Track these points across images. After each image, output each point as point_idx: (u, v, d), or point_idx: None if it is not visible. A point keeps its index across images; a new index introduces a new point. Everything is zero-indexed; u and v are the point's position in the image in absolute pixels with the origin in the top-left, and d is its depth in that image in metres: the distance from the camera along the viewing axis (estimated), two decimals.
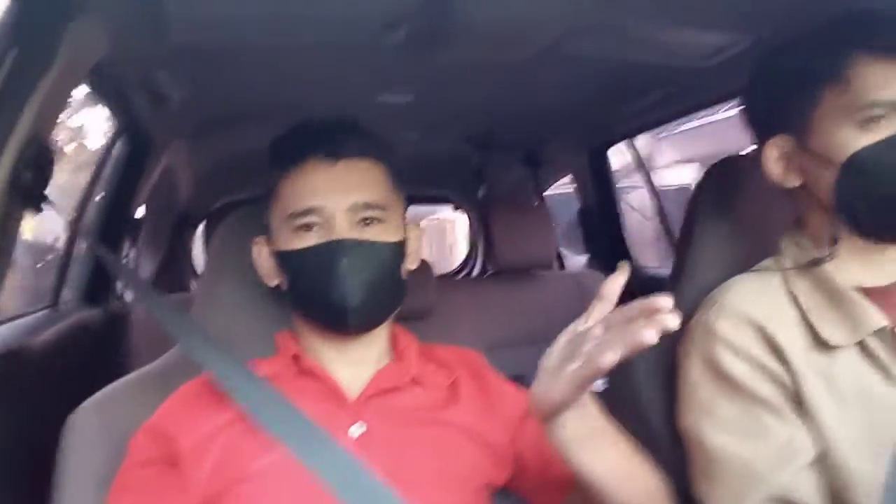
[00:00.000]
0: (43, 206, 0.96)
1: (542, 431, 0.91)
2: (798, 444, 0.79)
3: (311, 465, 0.74)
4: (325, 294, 0.81)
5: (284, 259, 0.85)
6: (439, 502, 0.79)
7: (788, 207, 0.94)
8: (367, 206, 0.84)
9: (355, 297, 0.81)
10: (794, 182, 0.87)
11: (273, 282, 0.90)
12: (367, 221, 0.84)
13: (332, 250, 0.81)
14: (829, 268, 0.85)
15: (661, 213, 2.45)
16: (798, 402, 0.81)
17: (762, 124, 0.91)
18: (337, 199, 0.83)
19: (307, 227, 0.83)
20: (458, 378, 0.92)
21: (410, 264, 0.91)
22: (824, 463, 0.79)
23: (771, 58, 0.91)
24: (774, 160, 0.88)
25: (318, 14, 1.21)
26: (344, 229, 0.82)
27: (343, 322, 0.84)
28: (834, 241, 0.83)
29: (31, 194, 0.93)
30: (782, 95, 0.86)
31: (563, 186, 2.95)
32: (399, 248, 0.87)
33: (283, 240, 0.85)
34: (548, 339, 2.44)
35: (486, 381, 0.93)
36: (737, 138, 1.16)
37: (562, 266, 3.10)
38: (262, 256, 0.91)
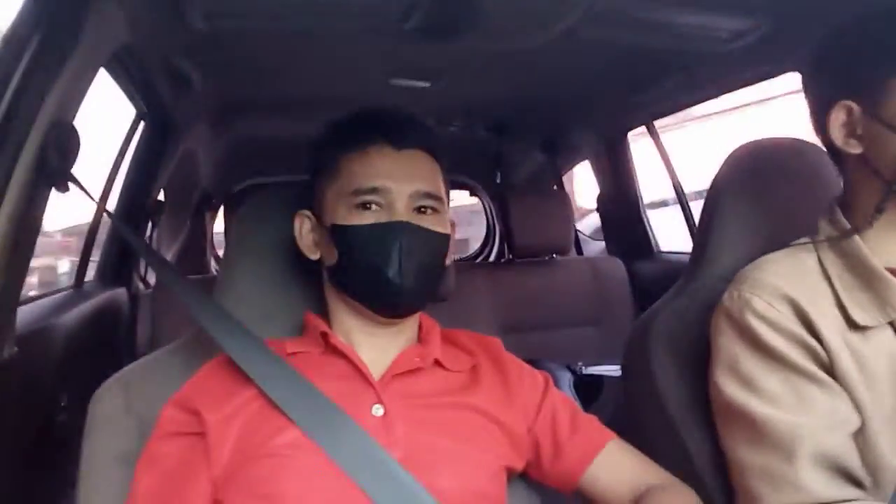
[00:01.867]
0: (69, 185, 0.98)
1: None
2: (843, 413, 0.79)
3: (326, 446, 0.76)
4: (382, 271, 0.83)
5: (340, 233, 0.85)
6: (458, 483, 0.80)
7: (811, 192, 0.94)
8: (427, 195, 0.87)
9: (409, 279, 0.83)
10: (855, 149, 0.85)
11: (315, 255, 0.91)
12: (423, 210, 0.87)
13: (397, 229, 0.83)
14: (865, 248, 0.84)
15: (682, 200, 2.43)
16: (834, 379, 0.80)
17: (828, 88, 0.88)
18: (401, 184, 0.85)
19: (367, 206, 0.85)
20: (478, 363, 0.93)
21: (449, 259, 0.93)
22: (860, 441, 0.79)
23: (846, 27, 0.89)
24: (839, 125, 0.86)
25: (335, 0, 1.22)
26: (403, 213, 0.84)
27: (394, 302, 0.86)
28: (878, 210, 0.83)
29: (56, 175, 0.95)
30: (857, 61, 0.85)
31: None
32: (447, 241, 0.90)
33: (339, 215, 0.86)
34: (564, 323, 2.46)
35: (505, 368, 0.94)
36: None
37: (579, 251, 3.10)
38: (304, 229, 0.92)
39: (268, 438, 0.78)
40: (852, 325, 0.82)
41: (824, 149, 0.91)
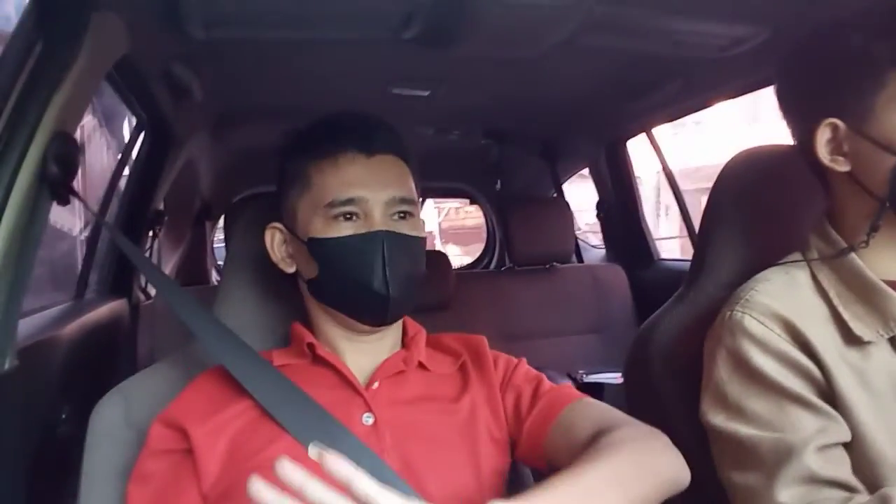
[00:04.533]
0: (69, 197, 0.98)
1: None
2: (832, 430, 0.78)
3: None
4: (367, 283, 0.82)
5: (319, 246, 0.85)
6: (448, 490, 0.80)
7: (810, 199, 0.94)
8: (403, 200, 0.86)
9: (395, 288, 0.83)
10: (842, 167, 0.84)
11: (290, 268, 0.91)
12: (400, 215, 0.87)
13: (377, 240, 0.83)
14: (861, 261, 0.83)
15: (682, 206, 2.44)
16: (831, 397, 0.80)
17: (810, 106, 0.87)
18: (376, 192, 0.85)
19: (345, 217, 0.84)
20: (464, 363, 0.93)
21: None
22: (860, 457, 0.78)
23: (822, 40, 0.86)
24: (824, 144, 0.84)
25: (334, 10, 1.22)
26: (381, 222, 0.84)
27: (382, 312, 0.85)
28: (874, 229, 0.82)
29: (57, 186, 0.95)
30: (838, 78, 0.82)
31: None
32: (424, 244, 0.90)
33: (315, 227, 0.85)
34: (565, 331, 2.46)
35: (486, 364, 0.93)
36: None
37: (580, 259, 3.10)
38: (275, 242, 0.91)
39: (260, 449, 0.78)
40: (851, 340, 0.81)
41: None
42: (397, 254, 0.83)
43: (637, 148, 2.64)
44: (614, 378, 1.95)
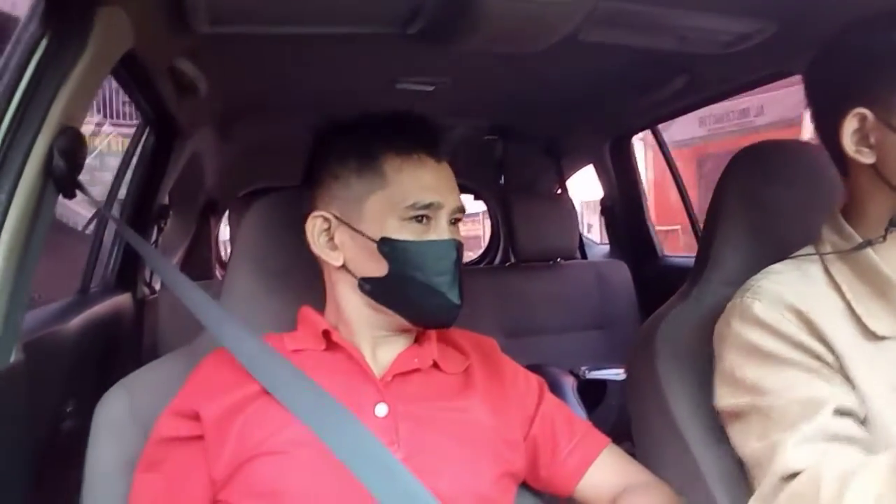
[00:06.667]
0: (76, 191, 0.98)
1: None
2: (850, 403, 0.77)
3: (330, 442, 0.75)
4: (442, 290, 0.83)
5: (396, 248, 0.83)
6: (459, 486, 0.80)
7: (817, 195, 0.93)
8: (461, 208, 0.89)
9: (461, 295, 0.85)
10: (867, 158, 0.82)
11: (337, 261, 0.88)
12: (454, 222, 0.88)
13: (451, 248, 0.85)
14: (875, 256, 0.82)
15: (686, 202, 2.44)
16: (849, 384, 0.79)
17: (839, 95, 0.85)
18: (447, 199, 0.86)
19: (418, 220, 0.84)
20: (471, 364, 0.93)
21: None
22: (874, 443, 0.77)
23: (860, 29, 0.85)
24: (850, 134, 0.83)
25: (338, 5, 1.22)
26: (447, 229, 0.86)
27: (448, 318, 0.87)
28: (893, 224, 0.81)
29: (64, 181, 0.95)
30: (872, 68, 0.81)
31: None
32: None
33: (390, 227, 0.83)
34: (569, 328, 2.46)
35: (500, 370, 0.94)
36: None
37: (584, 255, 3.10)
38: (316, 230, 0.88)
39: (269, 435, 0.78)
40: (865, 334, 0.80)
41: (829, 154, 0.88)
42: (460, 262, 0.86)
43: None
44: (617, 374, 1.95)
